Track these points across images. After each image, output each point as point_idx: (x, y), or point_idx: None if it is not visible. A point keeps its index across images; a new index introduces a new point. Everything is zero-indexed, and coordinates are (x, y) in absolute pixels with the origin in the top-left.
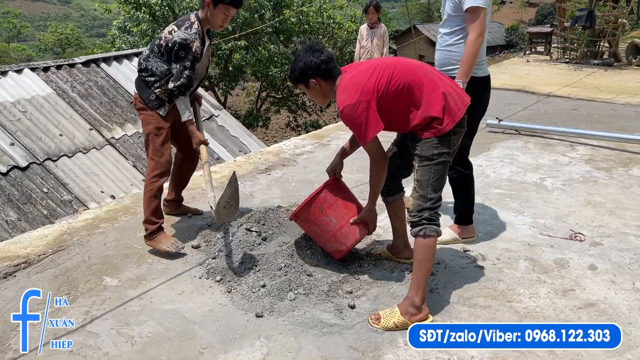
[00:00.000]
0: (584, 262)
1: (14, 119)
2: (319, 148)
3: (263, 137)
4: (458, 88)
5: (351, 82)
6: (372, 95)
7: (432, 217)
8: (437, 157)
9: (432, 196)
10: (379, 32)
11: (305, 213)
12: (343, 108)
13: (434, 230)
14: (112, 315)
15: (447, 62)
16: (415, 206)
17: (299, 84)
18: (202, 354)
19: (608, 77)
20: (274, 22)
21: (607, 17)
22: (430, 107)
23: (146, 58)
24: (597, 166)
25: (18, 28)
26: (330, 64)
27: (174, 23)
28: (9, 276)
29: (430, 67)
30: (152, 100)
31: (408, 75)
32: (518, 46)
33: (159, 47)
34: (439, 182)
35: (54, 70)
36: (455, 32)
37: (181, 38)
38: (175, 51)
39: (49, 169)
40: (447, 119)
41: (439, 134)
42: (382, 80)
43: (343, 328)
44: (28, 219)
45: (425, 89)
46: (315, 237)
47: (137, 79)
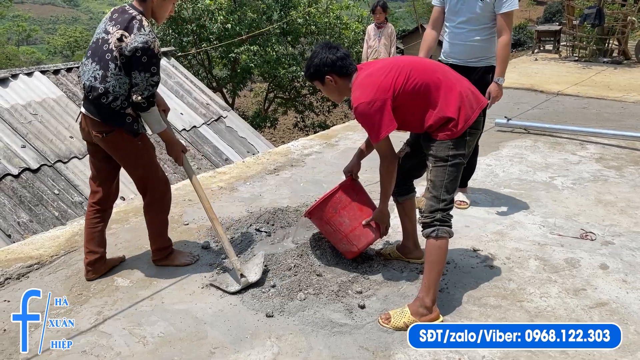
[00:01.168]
0: (595, 261)
1: (25, 121)
2: (327, 148)
3: (271, 138)
4: (475, 89)
5: (367, 80)
6: (388, 94)
7: (445, 219)
8: (452, 159)
9: (445, 197)
10: (387, 31)
11: (319, 212)
12: (357, 105)
13: (446, 231)
14: (124, 316)
15: (472, 55)
16: (427, 207)
17: (314, 80)
18: (213, 353)
19: (618, 75)
20: (281, 23)
21: (616, 15)
22: (447, 107)
23: (102, 79)
24: (608, 165)
25: (28, 31)
26: (347, 60)
27: (114, 26)
28: (22, 277)
29: (448, 67)
30: (129, 123)
31: (426, 75)
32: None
33: (113, 61)
34: (452, 183)
35: (64, 72)
36: (483, 30)
37: (140, 42)
38: (137, 58)
39: (60, 171)
40: (462, 120)
41: (454, 136)
42: (399, 79)
43: (353, 328)
44: (40, 220)
45: (442, 89)
46: (327, 235)
47: (92, 107)
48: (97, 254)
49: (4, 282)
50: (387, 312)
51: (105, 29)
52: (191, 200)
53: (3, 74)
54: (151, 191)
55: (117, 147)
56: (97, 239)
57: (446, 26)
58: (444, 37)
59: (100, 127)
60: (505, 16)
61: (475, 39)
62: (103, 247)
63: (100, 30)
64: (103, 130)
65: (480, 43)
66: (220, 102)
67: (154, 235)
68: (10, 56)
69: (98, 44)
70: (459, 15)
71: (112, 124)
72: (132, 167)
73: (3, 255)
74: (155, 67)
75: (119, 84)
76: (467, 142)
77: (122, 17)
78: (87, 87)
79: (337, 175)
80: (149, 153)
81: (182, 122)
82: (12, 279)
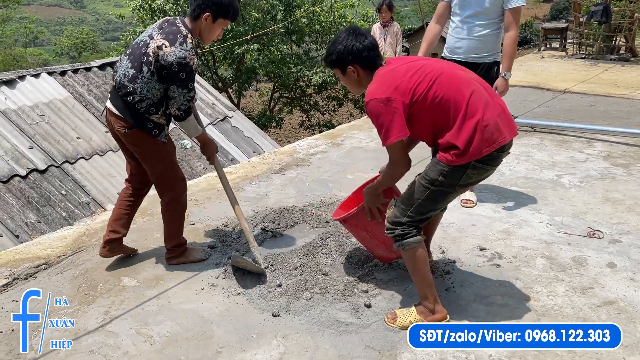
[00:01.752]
0: (602, 259)
1: (32, 122)
2: (332, 148)
3: (277, 138)
4: (505, 118)
5: (388, 76)
6: (405, 98)
7: (405, 232)
8: (438, 185)
9: (413, 216)
10: (392, 30)
11: (355, 219)
12: (370, 100)
13: (410, 243)
14: (131, 315)
15: (478, 50)
16: (391, 215)
17: (334, 68)
18: (220, 353)
19: (625, 73)
20: (286, 22)
21: (623, 12)
22: (457, 134)
23: (132, 79)
24: (615, 162)
25: (35, 33)
26: (374, 51)
27: (160, 34)
28: (30, 277)
29: (483, 83)
30: (150, 128)
31: (450, 89)
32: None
33: (147, 64)
34: (427, 206)
35: (71, 74)
36: (491, 24)
37: (179, 57)
38: (175, 72)
39: (67, 172)
40: (470, 153)
41: (451, 164)
42: (420, 85)
43: (359, 327)
44: (47, 220)
45: (462, 111)
46: (362, 241)
47: (119, 101)
48: (118, 234)
49: (12, 282)
50: (394, 311)
51: (151, 34)
52: (197, 200)
53: (10, 75)
54: (170, 189)
55: (138, 144)
56: (123, 221)
57: (452, 20)
58: (448, 32)
59: (122, 123)
60: (513, 11)
61: (482, 33)
62: (126, 230)
63: (147, 34)
64: (124, 126)
65: (487, 38)
66: (226, 102)
67: (172, 234)
68: (18, 58)
69: (138, 45)
70: (466, 9)
71: (133, 123)
72: (152, 164)
73: (11, 256)
74: (192, 83)
75: (147, 87)
76: (467, 174)
77: (170, 28)
78: (118, 83)
79: (342, 174)
80: (168, 151)
81: None
82: (20, 279)
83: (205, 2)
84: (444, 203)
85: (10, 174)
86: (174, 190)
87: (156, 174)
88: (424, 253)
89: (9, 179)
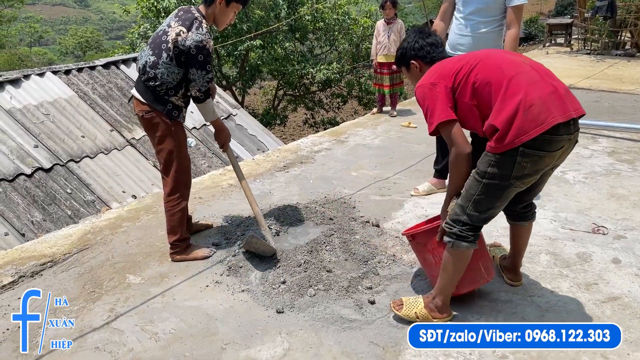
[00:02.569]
0: (607, 255)
1: (37, 121)
2: (336, 145)
3: (281, 136)
4: (557, 97)
5: (437, 66)
6: (448, 81)
7: (463, 234)
8: (490, 178)
9: (472, 214)
10: (396, 27)
11: (425, 238)
12: (417, 87)
13: (461, 246)
14: (136, 312)
15: (481, 47)
16: (452, 213)
17: (401, 66)
18: (225, 349)
19: (630, 68)
20: (289, 20)
21: (628, 7)
22: (497, 115)
23: (153, 65)
24: (620, 158)
25: (40, 33)
26: (436, 48)
27: (177, 22)
28: (35, 275)
29: (536, 66)
30: (169, 110)
31: (491, 72)
32: (537, 39)
33: (166, 51)
34: (484, 203)
35: (75, 72)
36: (492, 22)
37: (196, 41)
38: (193, 56)
39: (72, 170)
40: (513, 134)
41: (496, 151)
42: (462, 70)
43: (363, 323)
44: (53, 219)
45: (501, 91)
46: (423, 263)
47: (141, 87)
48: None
49: (18, 280)
50: (401, 298)
51: (169, 23)
52: (202, 198)
53: (15, 74)
54: (176, 177)
55: (154, 127)
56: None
57: (455, 17)
58: (450, 29)
59: (142, 107)
60: (515, 9)
61: (484, 30)
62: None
63: (165, 24)
64: (144, 109)
65: (488, 35)
66: (230, 100)
67: (173, 227)
68: (23, 57)
69: (158, 34)
70: (469, 6)
71: (154, 107)
72: (163, 145)
73: (17, 254)
74: (209, 65)
75: (167, 72)
76: (519, 163)
77: (185, 15)
78: (140, 69)
79: (346, 171)
80: (180, 138)
81: (192, 120)
82: (26, 277)
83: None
84: (503, 200)
85: (16, 172)
86: (179, 179)
87: (164, 157)
88: (469, 258)
89: (14, 177)
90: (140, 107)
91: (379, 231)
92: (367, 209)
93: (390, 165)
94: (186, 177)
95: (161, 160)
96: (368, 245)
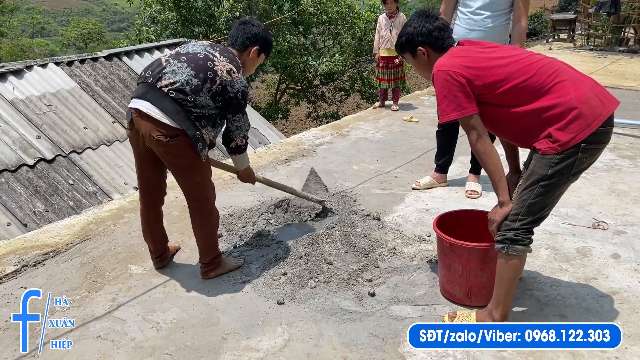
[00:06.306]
0: (606, 250)
1: (40, 112)
2: (338, 139)
3: (283, 129)
4: (600, 89)
5: (463, 51)
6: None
7: (517, 237)
8: (548, 179)
9: (524, 219)
10: (398, 21)
11: (463, 252)
12: (436, 71)
13: (516, 250)
14: (138, 302)
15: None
16: (504, 225)
17: (405, 52)
18: (225, 339)
19: (633, 64)
20: (292, 13)
21: (632, 3)
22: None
23: (196, 91)
24: (622, 154)
25: (42, 24)
26: (445, 32)
27: (224, 58)
28: (38, 264)
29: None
30: (198, 138)
31: (530, 74)
32: (541, 34)
33: (211, 82)
34: (539, 204)
35: (78, 64)
36: (500, 15)
37: (244, 86)
38: (238, 101)
39: (74, 161)
40: (576, 132)
41: (556, 151)
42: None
43: (363, 315)
44: (55, 210)
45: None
46: (447, 270)
47: (170, 105)
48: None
49: (21, 269)
50: (455, 311)
51: (207, 50)
52: None
53: (18, 65)
54: (205, 200)
55: (178, 154)
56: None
57: (461, 12)
58: (456, 23)
59: (164, 131)
60: (523, 2)
61: (493, 24)
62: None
63: (200, 49)
64: (166, 134)
65: (497, 29)
66: None
67: (210, 247)
68: (25, 48)
69: (198, 56)
70: (476, 0)
71: (184, 128)
72: (188, 175)
73: (20, 244)
74: (245, 107)
75: (206, 103)
76: (579, 160)
77: (229, 55)
78: (177, 87)
79: (348, 165)
80: (207, 162)
81: None
82: (29, 266)
83: (256, 37)
84: (557, 198)
85: (19, 163)
86: (208, 201)
87: (192, 185)
88: (524, 263)
89: (17, 168)
90: (158, 130)
91: (379, 224)
92: (368, 202)
93: (391, 159)
94: (214, 192)
95: (186, 189)
96: (369, 238)
